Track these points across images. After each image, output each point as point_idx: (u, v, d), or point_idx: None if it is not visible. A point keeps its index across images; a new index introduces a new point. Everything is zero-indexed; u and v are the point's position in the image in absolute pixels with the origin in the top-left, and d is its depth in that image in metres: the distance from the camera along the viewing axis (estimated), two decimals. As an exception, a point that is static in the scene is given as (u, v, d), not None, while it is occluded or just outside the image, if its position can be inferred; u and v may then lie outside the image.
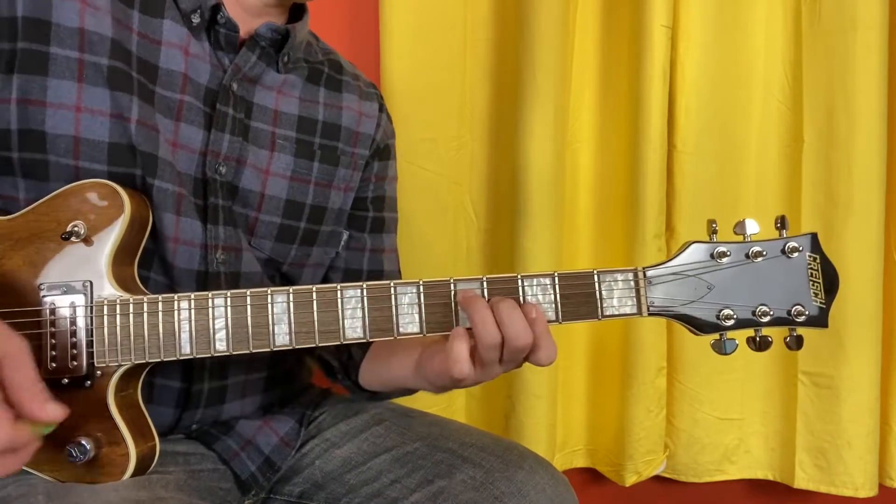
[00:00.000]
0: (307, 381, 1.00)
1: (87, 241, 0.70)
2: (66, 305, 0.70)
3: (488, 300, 0.70)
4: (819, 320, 0.71)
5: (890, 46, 1.32)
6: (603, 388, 1.44)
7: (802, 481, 1.40)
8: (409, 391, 0.91)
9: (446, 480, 0.83)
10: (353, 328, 0.71)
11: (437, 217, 1.36)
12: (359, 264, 0.98)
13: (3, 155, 0.73)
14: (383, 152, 0.99)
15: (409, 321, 0.71)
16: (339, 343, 0.71)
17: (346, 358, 0.93)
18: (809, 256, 0.72)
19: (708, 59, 1.35)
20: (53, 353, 0.69)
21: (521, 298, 0.71)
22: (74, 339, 0.69)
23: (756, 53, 1.38)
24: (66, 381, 0.69)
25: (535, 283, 0.71)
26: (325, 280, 0.97)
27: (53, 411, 0.60)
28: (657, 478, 1.45)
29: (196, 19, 0.80)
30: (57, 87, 0.72)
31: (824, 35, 1.32)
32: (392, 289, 0.71)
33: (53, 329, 0.69)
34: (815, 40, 1.33)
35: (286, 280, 0.91)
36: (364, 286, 0.71)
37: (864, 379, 1.34)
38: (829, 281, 0.72)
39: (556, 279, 0.71)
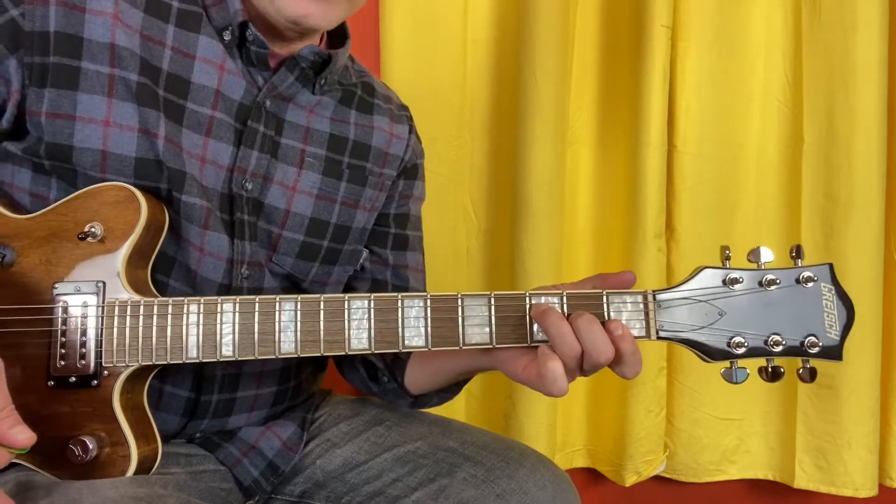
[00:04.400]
0: (314, 391, 1.00)
1: (103, 242, 0.71)
2: (78, 304, 0.70)
3: (567, 316, 0.69)
4: (833, 352, 0.70)
5: (890, 46, 1.32)
6: (603, 388, 1.44)
7: (802, 481, 1.40)
8: (457, 389, 0.90)
9: (448, 479, 0.84)
10: (359, 339, 0.71)
11: (437, 217, 1.36)
12: (383, 276, 0.97)
13: (35, 160, 0.75)
14: (410, 171, 0.99)
15: (415, 334, 0.71)
16: (343, 353, 0.71)
17: (393, 356, 0.91)
18: (825, 287, 0.70)
19: (708, 59, 1.35)
20: (63, 350, 0.70)
21: (527, 316, 0.71)
22: (84, 339, 0.70)
23: (756, 53, 1.38)
24: (74, 379, 0.70)
25: (543, 300, 0.71)
26: (348, 291, 0.95)
27: (22, 438, 0.62)
28: (657, 478, 1.45)
29: (227, 36, 0.80)
30: (87, 101, 0.73)
31: (824, 35, 1.32)
32: (399, 301, 0.71)
33: (64, 327, 0.70)
34: (815, 40, 1.33)
35: None
36: (371, 297, 0.71)
37: (864, 379, 1.34)
38: (845, 313, 0.70)
39: (565, 298, 0.70)
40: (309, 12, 0.78)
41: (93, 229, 0.71)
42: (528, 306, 0.70)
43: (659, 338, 0.70)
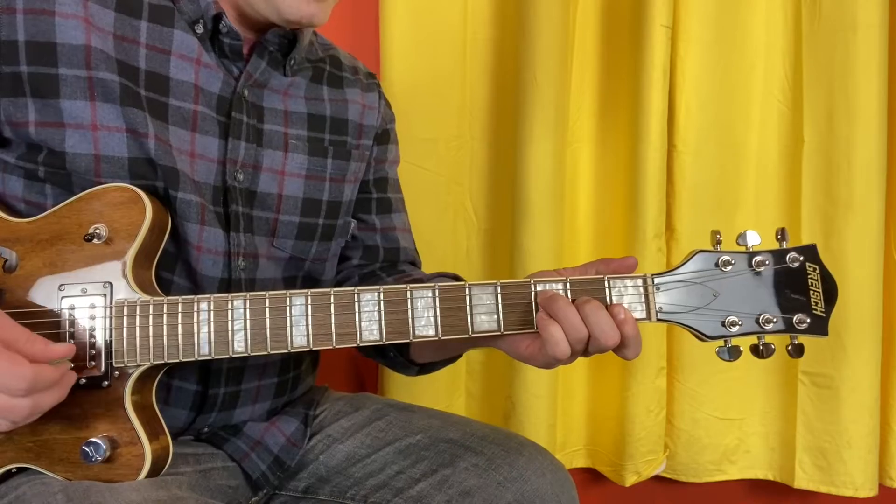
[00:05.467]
0: (311, 384, 1.01)
1: (108, 243, 0.71)
2: (85, 306, 0.70)
3: (572, 301, 0.71)
4: (819, 328, 0.73)
5: (890, 46, 1.32)
6: (603, 389, 1.44)
7: (802, 481, 1.40)
8: (459, 355, 0.92)
9: (450, 469, 0.85)
10: (370, 330, 0.72)
11: (437, 217, 1.36)
12: (373, 241, 0.99)
13: (29, 167, 0.74)
14: (382, 136, 1.00)
15: (425, 324, 0.72)
16: (355, 345, 0.72)
17: None
18: (809, 266, 0.73)
19: (708, 59, 1.35)
20: None
21: (533, 303, 0.73)
22: (93, 340, 0.70)
23: (756, 53, 1.38)
24: (84, 381, 0.70)
25: (547, 287, 0.73)
26: (342, 261, 0.98)
27: (59, 350, 0.65)
28: (657, 478, 1.45)
29: (200, 29, 0.81)
30: (71, 107, 0.73)
31: (824, 35, 1.32)
32: (408, 292, 0.72)
33: (72, 329, 0.70)
34: (815, 40, 1.33)
35: (308, 279, 0.92)
36: (381, 289, 0.72)
37: (864, 379, 1.34)
38: (829, 290, 0.73)
39: (568, 284, 0.72)
40: (313, 13, 0.79)
41: (98, 231, 0.70)
42: (533, 293, 0.72)
43: (658, 319, 0.73)
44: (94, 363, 0.70)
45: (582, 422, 1.47)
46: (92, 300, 0.70)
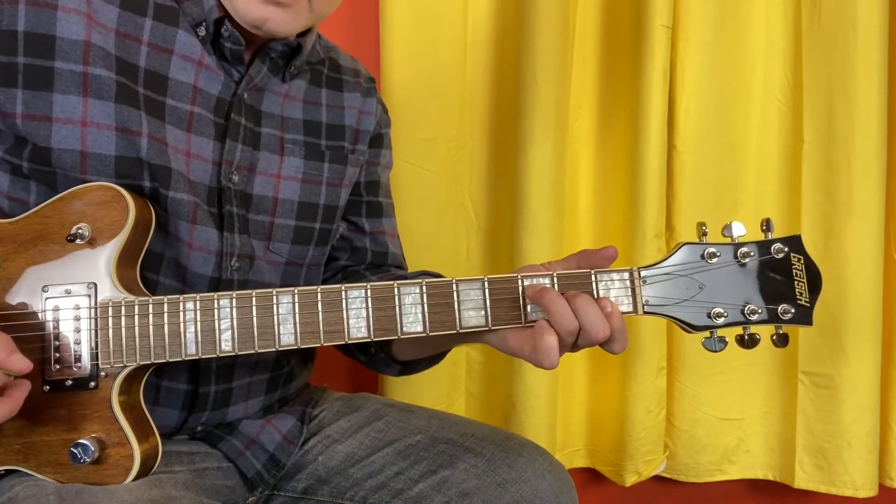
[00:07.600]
0: (305, 379, 1.01)
1: (91, 243, 0.71)
2: (69, 307, 0.70)
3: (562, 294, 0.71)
4: (804, 318, 0.74)
5: (890, 46, 1.32)
6: (603, 389, 1.44)
7: (802, 481, 1.40)
8: (444, 354, 0.91)
9: (449, 470, 0.85)
10: (358, 328, 0.72)
11: (437, 217, 1.36)
12: (362, 243, 0.99)
13: (15, 162, 0.74)
14: (375, 140, 1.00)
15: (413, 320, 0.72)
16: (343, 343, 0.72)
17: None
18: (794, 257, 0.74)
19: (708, 59, 1.35)
20: (57, 354, 0.70)
21: (521, 297, 0.72)
22: (78, 341, 0.70)
23: (756, 53, 1.38)
24: (70, 382, 0.69)
25: (534, 282, 0.73)
26: (329, 262, 0.97)
27: (19, 362, 0.64)
28: (657, 478, 1.45)
29: (202, 32, 0.81)
30: (62, 102, 0.73)
31: (824, 35, 1.32)
32: (395, 289, 0.72)
33: (57, 331, 0.70)
34: (815, 40, 1.33)
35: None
36: (368, 286, 0.72)
37: (864, 379, 1.34)
38: (813, 280, 0.74)
39: (556, 279, 0.72)
40: (267, 17, 0.77)
41: (80, 231, 0.70)
42: (520, 288, 0.72)
43: (645, 312, 0.73)
44: (79, 364, 0.70)
45: (582, 422, 1.47)
46: (76, 301, 0.70)
